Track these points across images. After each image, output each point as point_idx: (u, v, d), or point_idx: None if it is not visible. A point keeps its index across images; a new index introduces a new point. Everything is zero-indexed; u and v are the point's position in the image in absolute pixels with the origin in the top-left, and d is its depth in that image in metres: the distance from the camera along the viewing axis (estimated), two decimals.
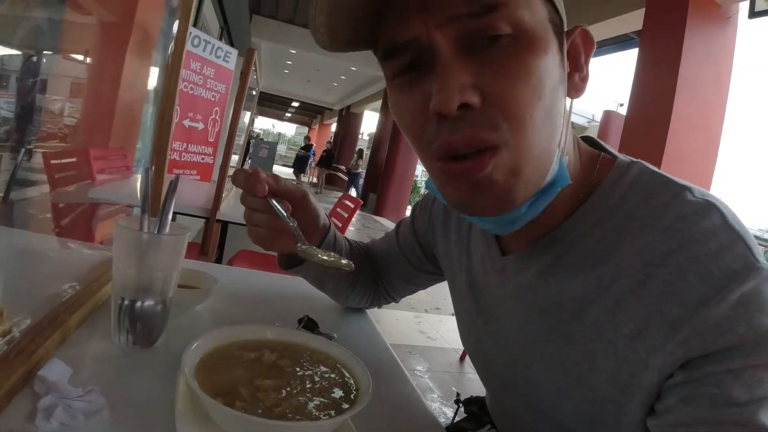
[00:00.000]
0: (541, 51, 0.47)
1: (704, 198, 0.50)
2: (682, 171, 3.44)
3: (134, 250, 0.61)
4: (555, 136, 0.49)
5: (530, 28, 0.46)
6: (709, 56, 3.61)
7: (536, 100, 0.46)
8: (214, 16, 6.00)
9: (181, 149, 3.76)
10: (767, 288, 0.44)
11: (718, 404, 0.42)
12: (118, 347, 0.64)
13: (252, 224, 0.69)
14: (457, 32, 0.45)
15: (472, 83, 0.45)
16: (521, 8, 0.46)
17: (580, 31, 0.53)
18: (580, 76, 0.54)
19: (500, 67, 0.45)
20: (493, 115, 0.45)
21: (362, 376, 0.56)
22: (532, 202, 0.50)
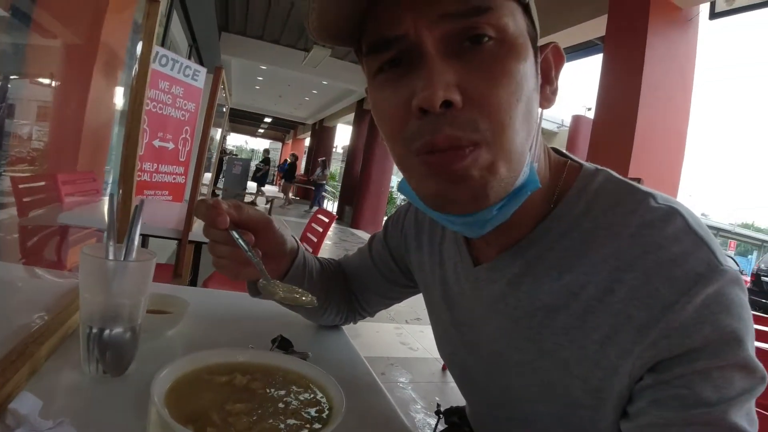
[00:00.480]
0: (521, 57, 0.48)
1: (667, 204, 0.51)
2: (649, 172, 3.52)
3: (100, 278, 0.60)
4: (529, 140, 0.50)
5: (513, 34, 0.48)
6: (671, 58, 3.71)
7: (515, 103, 0.47)
8: (183, 34, 5.96)
9: (151, 170, 3.71)
10: (731, 290, 0.45)
11: (688, 405, 0.44)
12: (89, 377, 0.62)
13: (215, 256, 0.67)
14: (444, 32, 0.46)
15: (455, 82, 0.46)
16: (506, 15, 0.47)
17: (553, 47, 0.56)
18: (551, 89, 0.56)
19: (483, 69, 0.47)
20: (473, 114, 0.46)
21: (335, 394, 0.56)
22: (503, 204, 0.50)
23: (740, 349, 0.45)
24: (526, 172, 0.51)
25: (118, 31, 1.25)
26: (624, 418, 0.49)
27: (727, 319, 0.44)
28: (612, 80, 3.88)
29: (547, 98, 0.55)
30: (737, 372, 0.44)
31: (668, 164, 3.79)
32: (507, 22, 0.47)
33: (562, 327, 0.53)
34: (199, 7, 5.42)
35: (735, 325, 0.45)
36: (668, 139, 3.76)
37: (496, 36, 0.47)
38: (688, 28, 3.82)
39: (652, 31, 3.56)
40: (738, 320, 0.45)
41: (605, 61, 3.96)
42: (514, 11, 0.49)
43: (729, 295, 0.45)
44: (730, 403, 0.43)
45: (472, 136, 0.46)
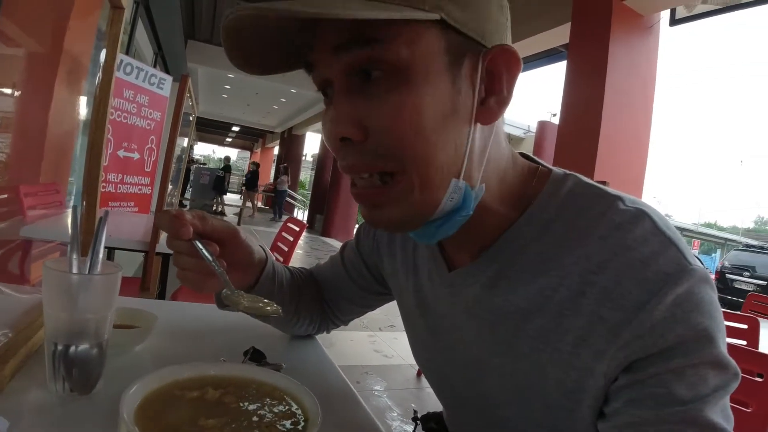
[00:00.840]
0: (420, 86, 0.47)
1: (635, 206, 0.52)
2: (614, 175, 3.61)
3: (64, 292, 0.58)
4: (454, 165, 0.50)
5: (408, 63, 0.47)
6: (634, 65, 3.82)
7: (416, 132, 0.47)
8: (148, 43, 5.86)
9: (116, 181, 3.62)
10: (700, 288, 0.46)
11: (663, 403, 0.44)
12: (55, 395, 0.60)
13: (179, 267, 0.65)
14: (343, 66, 0.48)
15: (353, 118, 0.48)
16: (400, 45, 0.46)
17: (499, 51, 0.51)
18: (498, 99, 0.52)
19: (377, 103, 0.48)
20: (375, 148, 0.48)
21: (311, 405, 0.55)
22: (441, 224, 0.53)
23: (712, 347, 0.45)
24: (456, 198, 0.51)
25: (82, 39, 1.22)
26: (601, 419, 0.50)
27: (698, 317, 0.45)
28: (576, 86, 3.97)
29: (489, 111, 0.52)
30: (710, 369, 0.45)
31: (632, 167, 3.89)
32: (399, 50, 0.46)
33: (536, 330, 0.53)
34: (165, 14, 5.34)
35: (706, 323, 0.46)
36: (632, 143, 3.86)
37: (388, 68, 0.47)
38: (649, 34, 3.94)
39: (614, 38, 3.66)
40: (709, 318, 0.46)
41: (569, 67, 4.05)
42: (419, 35, 0.47)
43: (699, 293, 0.46)
44: (704, 400, 0.44)
45: (374, 169, 0.50)
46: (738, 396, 1.15)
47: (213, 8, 7.70)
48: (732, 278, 11.68)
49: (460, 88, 0.49)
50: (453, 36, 0.48)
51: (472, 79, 0.50)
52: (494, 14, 0.51)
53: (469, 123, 0.51)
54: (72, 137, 1.29)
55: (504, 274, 0.57)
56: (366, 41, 0.46)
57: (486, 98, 0.52)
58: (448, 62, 0.48)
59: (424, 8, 0.45)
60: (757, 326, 2.07)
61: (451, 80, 0.49)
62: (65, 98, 1.19)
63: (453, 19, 0.47)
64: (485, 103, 0.51)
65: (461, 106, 0.50)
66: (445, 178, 0.50)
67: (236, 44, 0.50)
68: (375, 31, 0.46)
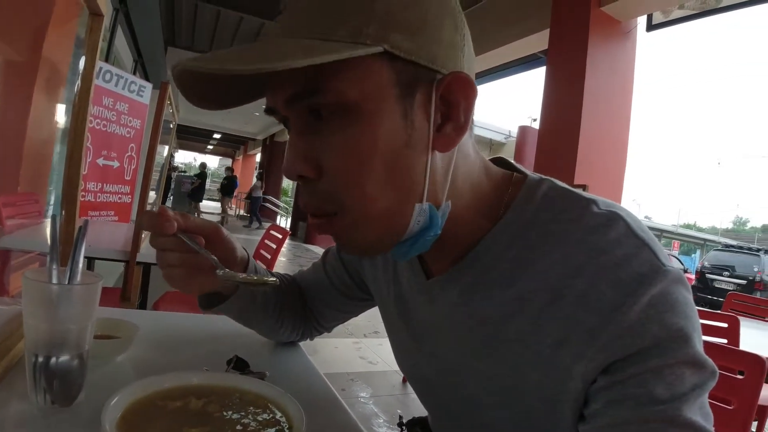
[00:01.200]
0: (371, 121, 0.47)
1: (609, 209, 0.53)
2: (594, 178, 3.66)
3: (44, 303, 0.57)
4: (407, 194, 0.51)
5: (355, 102, 0.47)
6: (612, 69, 3.88)
7: (365, 170, 0.48)
8: (127, 50, 5.81)
9: (96, 189, 3.58)
10: (674, 289, 0.47)
11: (643, 403, 0.45)
12: (36, 408, 0.59)
13: (166, 265, 0.65)
14: (296, 110, 0.49)
15: (305, 157, 0.49)
16: (345, 86, 0.46)
17: (453, 78, 0.49)
18: (455, 126, 0.51)
19: (329, 143, 0.48)
20: (328, 185, 0.50)
21: (295, 413, 0.55)
22: (411, 244, 0.54)
23: (688, 346, 0.46)
24: (421, 221, 0.52)
25: (60, 47, 1.21)
26: (581, 421, 0.50)
27: (673, 317, 0.46)
28: (555, 92, 4.02)
29: (447, 138, 0.51)
30: (687, 368, 0.46)
31: (612, 170, 3.95)
32: (348, 91, 0.46)
33: (515, 334, 0.54)
34: (144, 21, 5.30)
35: (681, 323, 0.46)
36: (611, 147, 3.92)
37: (337, 109, 0.47)
38: (626, 39, 4.01)
39: (592, 44, 3.71)
40: (684, 318, 0.47)
41: (548, 73, 4.10)
42: (366, 70, 0.46)
43: (673, 294, 0.47)
44: (682, 399, 0.45)
45: (328, 204, 0.51)
46: (720, 393, 1.18)
47: (193, 15, 7.65)
48: (712, 278, 11.90)
49: (414, 119, 0.49)
50: (402, 66, 0.47)
51: (426, 108, 0.49)
52: (447, 36, 0.50)
53: (426, 152, 0.50)
54: (51, 146, 1.27)
55: (481, 280, 0.57)
56: (312, 91, 0.47)
57: (443, 125, 0.51)
58: (398, 94, 0.48)
59: (366, 42, 0.45)
60: (737, 325, 2.11)
61: (402, 113, 0.48)
62: (44, 107, 1.17)
63: (399, 49, 0.46)
64: (442, 131, 0.51)
65: (416, 137, 0.49)
66: (406, 206, 0.51)
67: (190, 88, 0.51)
68: (319, 77, 0.46)
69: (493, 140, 15.82)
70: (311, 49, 0.43)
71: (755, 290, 10.90)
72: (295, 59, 0.41)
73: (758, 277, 11.43)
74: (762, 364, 1.12)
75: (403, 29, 0.46)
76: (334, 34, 0.45)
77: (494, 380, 0.57)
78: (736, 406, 1.13)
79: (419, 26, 0.47)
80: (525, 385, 0.54)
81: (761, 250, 13.03)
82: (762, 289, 11.13)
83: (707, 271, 12.20)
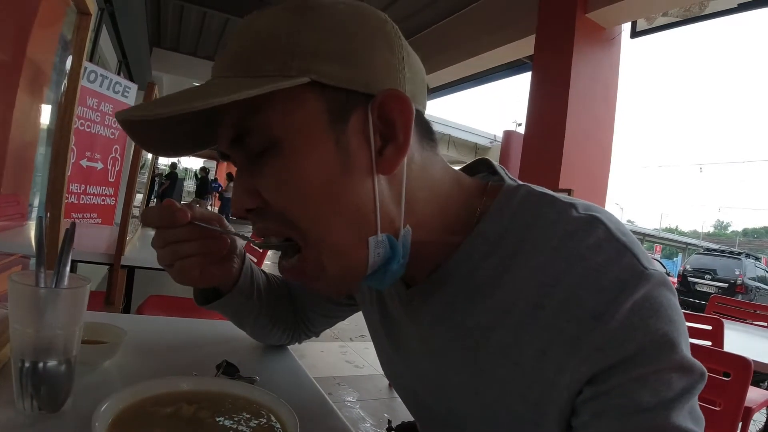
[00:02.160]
0: (300, 153, 0.47)
1: (588, 213, 0.51)
2: (579, 183, 3.70)
3: (31, 307, 0.56)
4: (356, 226, 0.50)
5: (282, 135, 0.47)
6: (596, 75, 3.93)
7: (304, 202, 0.48)
8: (112, 50, 5.74)
9: (79, 191, 3.53)
10: (658, 293, 0.46)
11: (629, 413, 0.44)
12: (23, 414, 0.58)
13: (181, 257, 0.62)
14: (237, 149, 0.51)
15: (251, 190, 0.50)
16: (272, 121, 0.47)
17: (387, 97, 0.48)
18: (395, 146, 0.49)
19: (266, 176, 0.49)
20: (275, 216, 0.50)
21: (288, 418, 0.54)
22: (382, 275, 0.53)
23: (674, 352, 0.45)
24: (381, 253, 0.51)
25: (45, 47, 1.18)
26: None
27: (657, 323, 0.45)
28: (540, 97, 4.06)
29: (389, 160, 0.49)
30: (674, 373, 0.45)
31: (596, 175, 4.00)
32: (272, 127, 0.47)
33: (497, 345, 0.52)
34: (129, 21, 5.24)
35: (666, 328, 0.45)
36: (595, 151, 3.96)
37: (266, 143, 0.48)
38: (611, 46, 4.07)
39: (577, 50, 3.76)
40: (668, 323, 0.45)
41: (534, 78, 4.14)
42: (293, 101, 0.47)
43: (657, 298, 0.46)
44: (670, 405, 0.44)
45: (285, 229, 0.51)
46: (707, 395, 1.19)
47: (179, 16, 7.59)
48: (694, 281, 12.05)
49: (348, 145, 0.48)
50: (332, 94, 0.47)
51: (365, 133, 0.49)
52: (381, 59, 0.49)
53: (369, 177, 0.49)
54: (33, 147, 1.25)
55: (461, 290, 0.56)
56: (246, 130, 0.48)
57: (384, 147, 0.50)
58: (329, 121, 0.47)
59: (291, 74, 0.45)
60: (721, 327, 2.13)
61: (335, 140, 0.48)
62: (27, 108, 1.15)
63: (327, 77, 0.46)
64: (384, 153, 0.49)
65: (354, 163, 0.48)
66: (359, 240, 0.50)
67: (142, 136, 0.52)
68: (250, 117, 0.47)
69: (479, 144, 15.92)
70: (236, 86, 0.44)
71: (737, 293, 11.06)
72: (216, 97, 0.42)
73: (740, 281, 11.59)
74: (748, 365, 1.14)
75: (330, 58, 0.46)
76: (261, 71, 0.46)
77: (477, 392, 0.55)
78: (723, 408, 1.14)
79: (347, 54, 0.47)
80: (509, 397, 0.52)
81: (742, 253, 13.24)
82: (743, 292, 11.31)
83: (689, 274, 12.36)
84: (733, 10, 3.60)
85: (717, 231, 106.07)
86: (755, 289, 11.83)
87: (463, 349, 0.56)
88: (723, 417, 1.12)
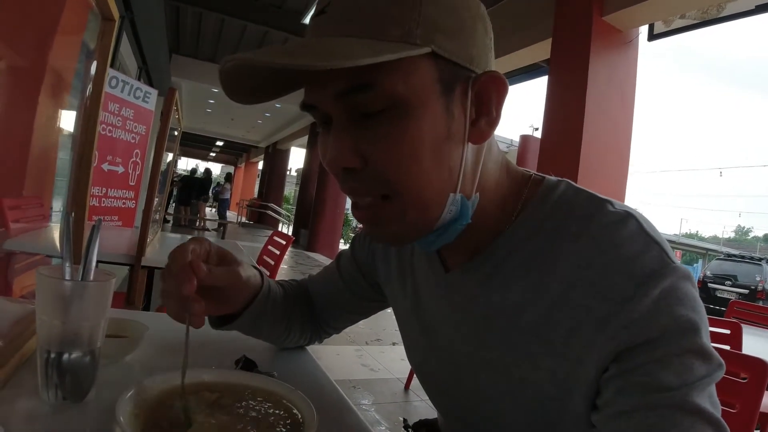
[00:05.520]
0: (416, 114, 0.50)
1: (623, 209, 0.56)
2: (596, 187, 3.60)
3: (58, 299, 0.58)
4: (449, 182, 0.54)
5: (404, 97, 0.50)
6: (613, 79, 3.91)
7: (410, 160, 0.51)
8: (132, 57, 5.85)
9: (100, 194, 3.60)
10: (683, 284, 0.49)
11: (651, 391, 0.46)
12: (48, 403, 0.60)
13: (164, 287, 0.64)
14: (343, 105, 0.51)
15: (354, 149, 0.52)
16: (395, 82, 0.49)
17: (487, 77, 0.54)
18: (488, 120, 0.55)
19: (377, 135, 0.51)
20: (373, 175, 0.52)
21: (306, 408, 0.55)
22: (440, 233, 0.57)
23: (696, 337, 0.48)
24: (454, 210, 0.55)
25: (67, 53, 1.22)
26: (594, 411, 0.52)
27: (682, 309, 0.48)
28: (557, 101, 4.04)
29: (480, 132, 0.55)
30: (696, 359, 0.47)
31: (614, 179, 3.96)
32: (395, 87, 0.49)
33: (530, 323, 0.56)
34: (149, 28, 5.34)
35: (690, 315, 0.48)
36: (613, 156, 3.93)
37: (385, 104, 0.50)
38: (628, 49, 4.03)
39: (594, 53, 3.74)
40: (692, 311, 0.49)
41: (550, 82, 4.12)
42: (412, 68, 0.50)
43: (682, 288, 0.49)
44: (692, 386, 0.46)
45: (375, 191, 0.53)
46: (723, 397, 1.18)
47: (198, 23, 7.71)
48: (714, 287, 11.87)
49: (453, 113, 0.53)
50: (444, 65, 0.51)
51: (463, 104, 0.53)
52: (480, 38, 0.54)
53: (462, 144, 0.54)
54: (55, 151, 1.28)
55: (498, 272, 0.60)
56: (364, 86, 0.49)
57: (476, 120, 0.55)
58: (440, 90, 0.51)
59: (416, 42, 0.48)
60: (740, 331, 2.11)
61: (444, 107, 0.52)
62: (49, 113, 1.18)
63: (443, 49, 0.50)
64: (476, 125, 0.55)
65: (455, 130, 0.53)
66: (443, 196, 0.54)
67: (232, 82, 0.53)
68: (371, 74, 0.48)
69: None
70: (372, 48, 0.46)
71: (758, 299, 10.89)
72: (361, 58, 0.44)
73: (760, 287, 11.41)
74: (765, 367, 1.13)
75: (446, 32, 0.50)
76: (388, 35, 0.48)
77: (506, 370, 0.59)
78: (740, 410, 1.13)
79: (459, 30, 0.52)
80: (537, 374, 0.55)
81: (763, 259, 13.02)
82: (764, 298, 11.12)
83: (710, 280, 12.18)
84: (750, 12, 3.56)
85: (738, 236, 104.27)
86: None
87: (496, 328, 0.60)
88: (739, 419, 1.11)
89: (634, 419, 0.46)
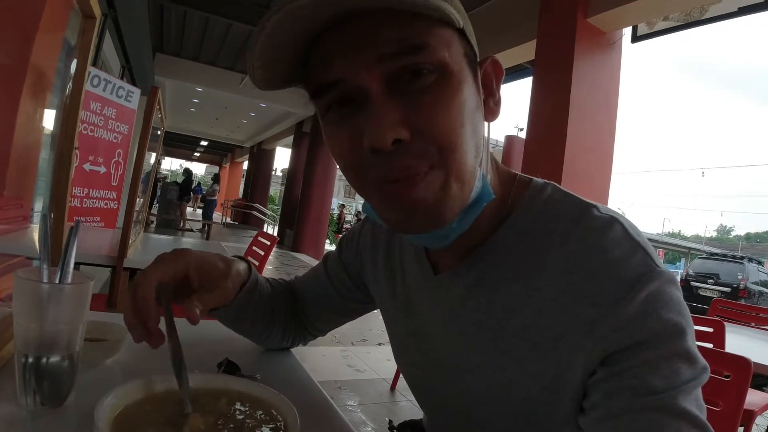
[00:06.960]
0: (460, 83, 0.51)
1: (608, 213, 0.56)
2: (580, 187, 3.70)
3: (35, 302, 0.57)
4: (478, 157, 0.54)
5: (449, 65, 0.50)
6: (597, 80, 3.94)
7: (459, 128, 0.50)
8: (115, 55, 5.78)
9: (82, 195, 3.55)
10: (669, 288, 0.50)
11: (639, 394, 0.47)
12: (26, 409, 0.58)
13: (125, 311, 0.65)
14: (384, 72, 0.48)
15: (401, 119, 0.48)
16: (442, 47, 0.49)
17: (491, 60, 0.58)
18: (494, 100, 0.59)
19: (425, 102, 0.49)
20: (423, 145, 0.49)
21: (288, 412, 0.55)
22: (461, 218, 0.54)
23: (683, 341, 0.49)
24: (479, 187, 0.54)
25: (48, 51, 1.19)
26: (581, 414, 0.52)
27: (669, 313, 0.49)
28: (542, 101, 4.07)
29: (491, 110, 0.58)
30: (682, 362, 0.48)
31: (597, 179, 4.00)
32: (443, 53, 0.49)
33: (518, 326, 0.56)
34: (133, 27, 5.28)
35: (677, 319, 0.49)
36: (596, 156, 3.96)
37: (434, 69, 0.49)
38: (612, 50, 4.07)
39: (578, 55, 3.77)
40: (678, 315, 0.49)
41: (535, 83, 4.15)
42: (450, 39, 0.51)
43: (668, 292, 0.50)
44: (678, 390, 0.47)
45: (423, 162, 0.50)
46: (707, 396, 1.19)
47: (182, 21, 7.63)
48: (697, 285, 12.03)
49: (477, 87, 0.55)
50: (465, 44, 0.54)
51: (476, 82, 0.55)
52: (471, 28, 0.56)
53: (483, 119, 0.56)
54: (37, 151, 1.26)
55: (489, 274, 0.60)
56: (413, 48, 0.48)
57: (486, 99, 0.58)
58: (468, 64, 0.53)
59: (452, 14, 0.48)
60: (723, 329, 2.13)
61: (473, 80, 0.54)
62: (30, 112, 1.16)
63: (466, 29, 0.53)
64: (486, 104, 0.58)
65: (479, 105, 0.55)
66: (475, 170, 0.54)
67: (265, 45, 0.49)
68: (422, 37, 0.48)
69: None
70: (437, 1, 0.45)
71: (740, 297, 11.04)
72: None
73: (742, 285, 11.59)
74: (748, 365, 1.15)
75: (462, 14, 0.52)
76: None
77: (494, 373, 0.59)
78: (723, 408, 1.14)
79: (466, 15, 0.54)
80: (525, 377, 0.56)
81: (745, 258, 13.23)
82: (746, 297, 11.29)
83: (692, 279, 12.34)
84: (733, 14, 3.61)
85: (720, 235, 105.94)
86: (758, 293, 11.82)
87: (485, 331, 0.60)
88: (723, 417, 1.13)
89: (621, 422, 0.47)
